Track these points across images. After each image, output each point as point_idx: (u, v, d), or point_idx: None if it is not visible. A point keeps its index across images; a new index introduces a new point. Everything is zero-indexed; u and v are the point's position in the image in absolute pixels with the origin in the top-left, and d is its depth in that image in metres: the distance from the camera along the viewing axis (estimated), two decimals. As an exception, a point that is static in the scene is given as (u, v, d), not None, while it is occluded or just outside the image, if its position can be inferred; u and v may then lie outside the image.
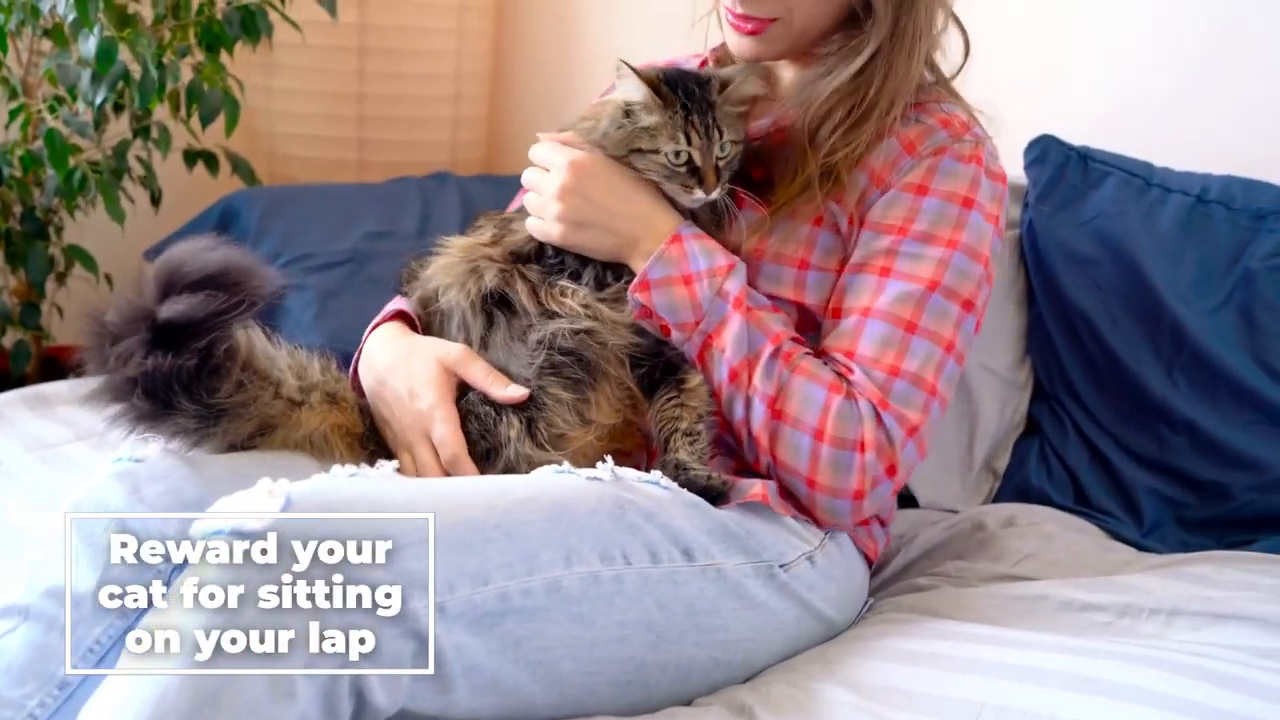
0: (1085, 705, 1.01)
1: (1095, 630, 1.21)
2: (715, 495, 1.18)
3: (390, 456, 1.23)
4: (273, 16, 2.13)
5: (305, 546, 0.91)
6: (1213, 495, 1.58)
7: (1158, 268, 1.68)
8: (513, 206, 1.54)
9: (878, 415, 1.20)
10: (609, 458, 1.15)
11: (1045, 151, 1.79)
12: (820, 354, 1.25)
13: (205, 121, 2.08)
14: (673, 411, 1.23)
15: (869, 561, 1.37)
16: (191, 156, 2.26)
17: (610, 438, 1.25)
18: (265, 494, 0.94)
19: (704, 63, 1.44)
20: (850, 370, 1.22)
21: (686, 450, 1.20)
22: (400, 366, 1.26)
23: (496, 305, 1.25)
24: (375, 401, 1.28)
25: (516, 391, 1.21)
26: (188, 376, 1.10)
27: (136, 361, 1.08)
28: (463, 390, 1.24)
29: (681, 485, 1.18)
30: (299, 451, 1.20)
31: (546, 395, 1.21)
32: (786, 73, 1.39)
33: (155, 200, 2.26)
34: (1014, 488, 1.69)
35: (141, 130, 2.17)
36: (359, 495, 0.98)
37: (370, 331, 1.35)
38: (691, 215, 1.27)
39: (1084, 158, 1.79)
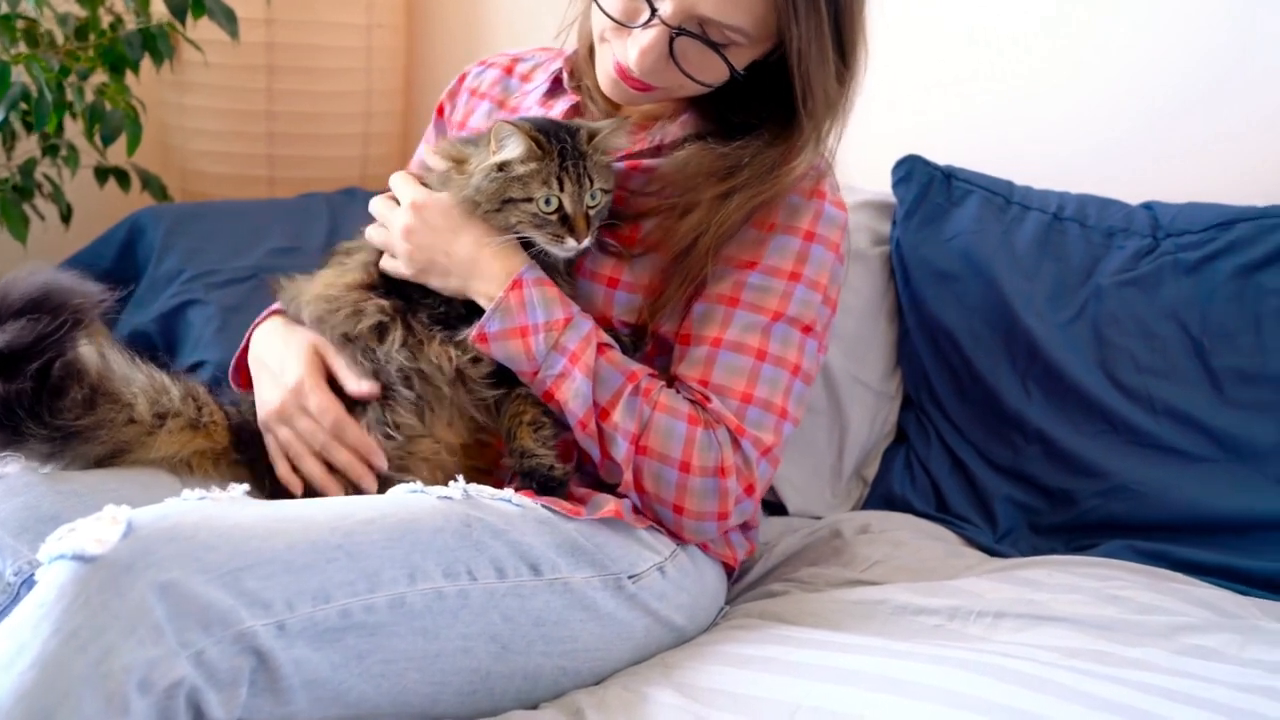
0: (892, 705, 1.08)
1: (925, 633, 1.28)
2: (555, 484, 1.25)
3: (252, 475, 1.29)
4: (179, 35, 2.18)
5: (145, 570, 0.96)
6: (1061, 501, 1.65)
7: (1014, 283, 1.75)
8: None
9: (735, 441, 1.27)
10: (460, 476, 1.20)
11: (911, 171, 1.86)
12: (674, 380, 1.31)
13: (107, 141, 2.12)
14: (518, 407, 1.28)
15: (729, 569, 1.44)
16: (103, 173, 2.31)
17: (465, 455, 1.31)
18: (109, 520, 0.98)
19: (557, 78, 1.48)
20: (707, 399, 1.28)
21: (531, 438, 1.26)
22: (276, 350, 1.34)
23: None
24: (256, 388, 1.34)
25: (369, 387, 1.27)
26: (28, 399, 1.14)
27: None
28: None
29: (525, 473, 1.24)
30: (166, 472, 1.26)
31: (394, 392, 1.28)
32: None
33: (65, 217, 2.30)
34: (880, 495, 1.76)
35: (49, 149, 2.21)
36: (204, 519, 1.02)
37: (252, 330, 1.41)
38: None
39: (948, 176, 1.86)
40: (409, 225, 1.30)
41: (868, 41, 1.32)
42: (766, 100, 1.32)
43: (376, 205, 1.36)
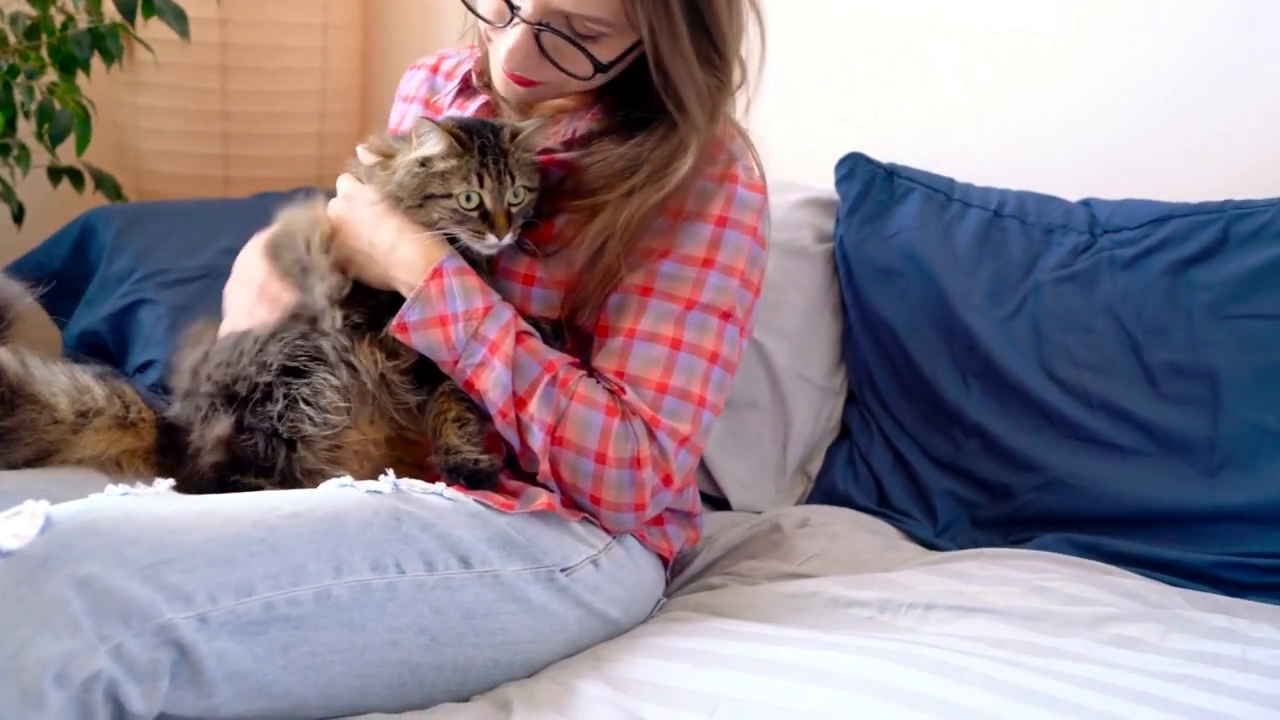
0: (817, 696, 1.09)
1: (856, 625, 1.29)
2: (483, 477, 1.25)
3: (176, 471, 1.29)
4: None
5: (62, 564, 0.96)
6: (999, 495, 1.67)
7: (955, 279, 1.77)
8: None
9: (651, 432, 1.27)
10: (390, 470, 1.21)
11: (854, 168, 1.88)
12: (591, 373, 1.31)
13: (55, 140, 2.12)
14: (443, 404, 1.28)
15: (665, 561, 1.45)
16: (56, 173, 2.30)
17: (391, 448, 1.31)
18: (28, 515, 0.98)
19: (467, 78, 1.49)
20: (622, 390, 1.28)
21: (456, 435, 1.26)
22: (240, 263, 1.45)
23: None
24: (229, 305, 1.42)
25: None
26: None
27: None
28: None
29: (451, 469, 1.25)
30: (95, 470, 1.26)
31: (313, 378, 1.28)
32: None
33: (18, 217, 2.29)
34: (823, 491, 1.77)
35: (0, 148, 2.20)
36: (125, 514, 1.03)
37: None
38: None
39: (890, 174, 1.88)
40: (339, 215, 1.33)
41: (762, 22, 1.32)
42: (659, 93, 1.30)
43: (331, 204, 1.38)
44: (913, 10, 2.07)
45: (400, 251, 1.28)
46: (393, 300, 1.29)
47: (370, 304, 1.30)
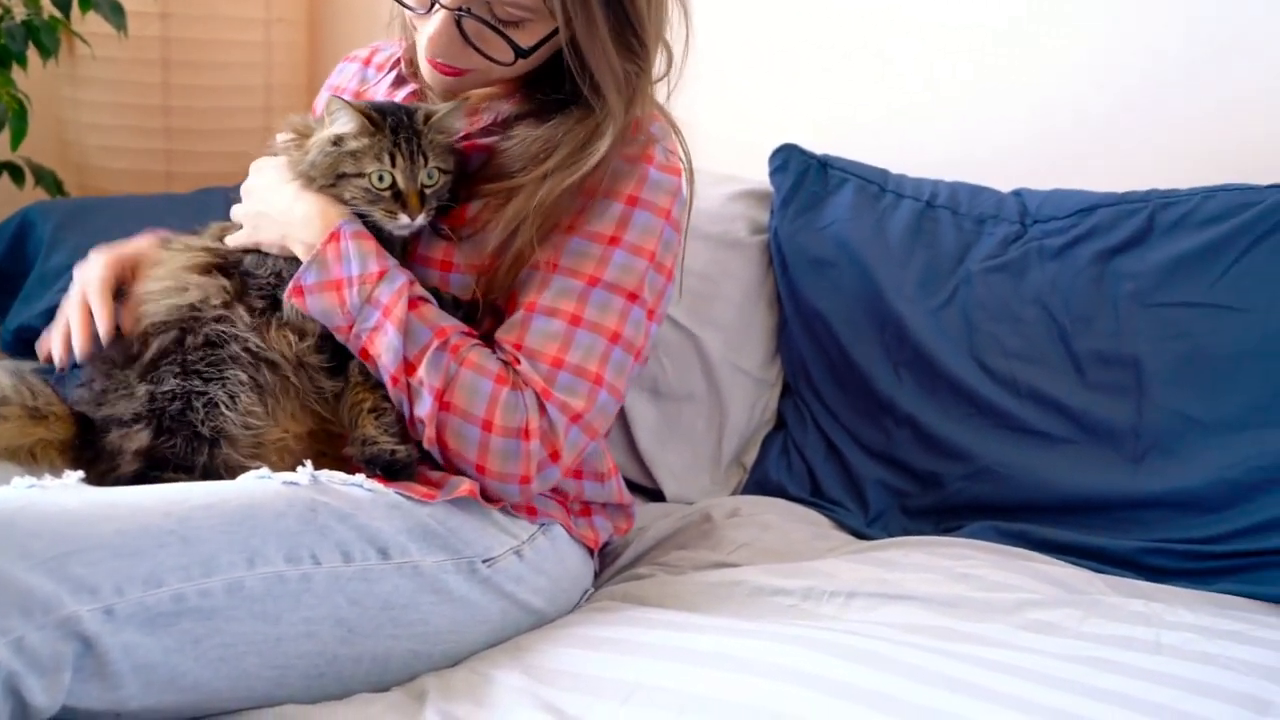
0: (731, 683, 1.10)
1: (779, 613, 1.29)
2: (400, 468, 1.24)
3: (95, 464, 1.28)
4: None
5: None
6: (930, 484, 1.68)
7: (887, 270, 1.77)
8: None
9: (541, 404, 1.26)
10: (308, 462, 1.20)
11: (787, 160, 1.88)
12: (492, 345, 1.30)
13: (-11, 134, 2.10)
14: (358, 394, 1.28)
15: (590, 550, 1.44)
16: (-7, 169, 2.29)
17: (311, 440, 1.31)
18: (-72, 508, 0.98)
19: (396, 64, 1.49)
20: (517, 360, 1.28)
21: (373, 425, 1.26)
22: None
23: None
24: None
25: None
26: None
27: None
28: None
29: (368, 460, 1.24)
30: (9, 462, 1.25)
31: (227, 378, 1.26)
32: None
33: (-46, 212, 2.27)
34: (756, 481, 1.77)
35: (-64, 143, 2.19)
36: (29, 505, 1.02)
37: None
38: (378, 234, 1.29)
39: (823, 165, 1.88)
40: (247, 185, 1.34)
41: (685, 9, 1.33)
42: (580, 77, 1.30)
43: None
44: (871, 6, 2.08)
45: (296, 210, 1.28)
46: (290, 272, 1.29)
47: (273, 282, 1.30)
